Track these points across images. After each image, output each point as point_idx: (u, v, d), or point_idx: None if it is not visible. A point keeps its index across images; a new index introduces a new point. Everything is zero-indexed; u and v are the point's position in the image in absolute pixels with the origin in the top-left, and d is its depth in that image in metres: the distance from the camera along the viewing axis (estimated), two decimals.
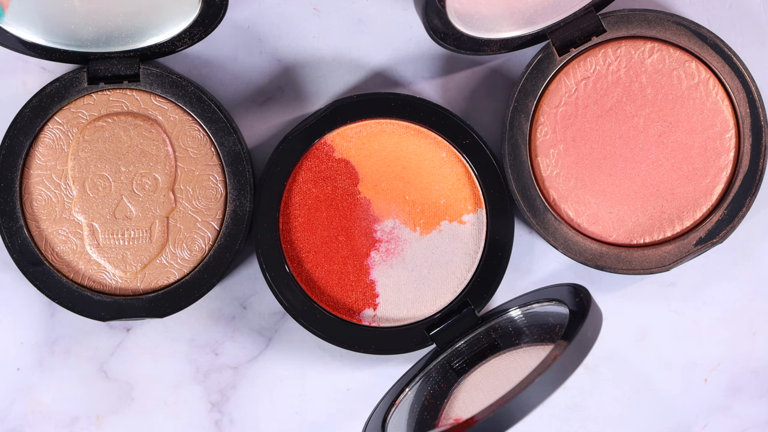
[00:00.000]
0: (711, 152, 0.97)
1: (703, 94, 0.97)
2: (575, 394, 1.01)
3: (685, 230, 0.98)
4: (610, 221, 0.97)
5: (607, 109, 0.97)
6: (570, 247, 0.97)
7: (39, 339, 1.00)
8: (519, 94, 0.97)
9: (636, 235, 0.98)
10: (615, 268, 0.97)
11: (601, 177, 0.97)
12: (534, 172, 0.97)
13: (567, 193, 0.97)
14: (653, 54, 0.97)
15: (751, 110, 0.97)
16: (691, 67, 0.97)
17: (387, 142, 0.98)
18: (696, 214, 0.98)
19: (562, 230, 0.97)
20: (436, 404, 0.96)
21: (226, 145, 0.96)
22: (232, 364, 1.00)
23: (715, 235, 0.97)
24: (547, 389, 0.81)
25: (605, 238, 0.97)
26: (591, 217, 0.97)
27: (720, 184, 0.97)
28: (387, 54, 1.00)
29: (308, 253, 0.97)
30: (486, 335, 0.97)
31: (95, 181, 0.96)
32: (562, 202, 0.97)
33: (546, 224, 0.97)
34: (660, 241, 0.98)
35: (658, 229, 0.98)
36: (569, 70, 0.97)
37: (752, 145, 0.97)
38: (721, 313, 1.01)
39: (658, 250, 0.97)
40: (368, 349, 0.97)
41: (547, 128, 0.97)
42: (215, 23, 0.93)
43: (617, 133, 0.97)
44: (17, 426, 1.00)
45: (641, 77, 0.97)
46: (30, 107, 0.96)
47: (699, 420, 1.01)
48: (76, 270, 0.96)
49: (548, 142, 0.97)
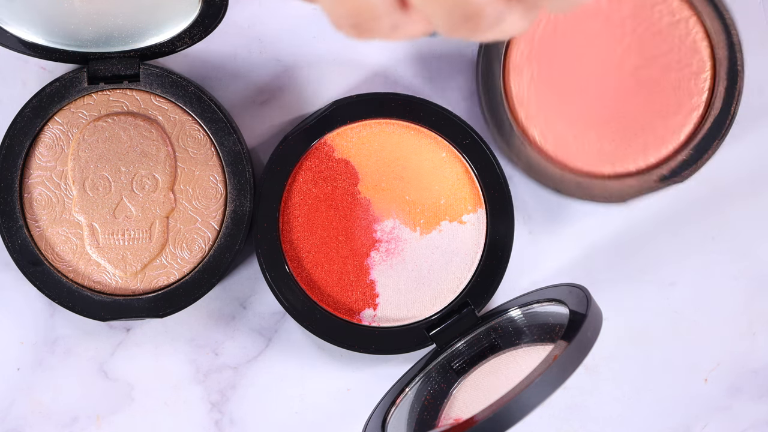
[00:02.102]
0: (684, 91, 0.97)
1: (683, 32, 0.97)
2: (575, 394, 1.01)
3: (649, 166, 0.98)
4: (575, 148, 0.97)
5: (586, 37, 0.97)
6: (532, 168, 0.96)
7: (39, 339, 1.00)
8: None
9: (599, 164, 0.97)
10: (574, 195, 0.96)
11: (571, 103, 0.97)
12: (505, 90, 0.97)
13: (535, 115, 0.97)
14: None
15: (729, 54, 0.96)
16: (673, 4, 0.97)
17: (387, 142, 0.98)
18: (661, 151, 0.97)
19: (526, 151, 0.97)
20: (436, 404, 0.96)
21: (226, 145, 0.96)
22: (232, 364, 1.00)
23: (677, 173, 0.97)
24: (547, 389, 0.81)
25: (568, 164, 0.97)
26: (556, 141, 0.97)
27: (689, 124, 0.97)
28: (387, 54, 1.00)
29: (308, 253, 0.97)
30: (486, 335, 0.97)
31: (95, 181, 0.96)
32: (530, 123, 0.97)
33: (511, 143, 0.97)
34: (623, 173, 0.98)
35: (622, 162, 0.97)
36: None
37: (726, 88, 0.97)
38: (721, 313, 1.01)
39: (619, 182, 0.97)
40: (368, 349, 0.97)
41: (524, 48, 0.97)
42: (215, 23, 0.93)
43: (593, 62, 0.97)
44: (17, 426, 1.00)
45: (623, 8, 0.97)
46: (30, 107, 0.96)
47: (699, 420, 1.01)
48: (76, 270, 0.96)
49: (522, 62, 0.97)
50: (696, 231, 1.01)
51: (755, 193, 1.01)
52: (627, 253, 1.01)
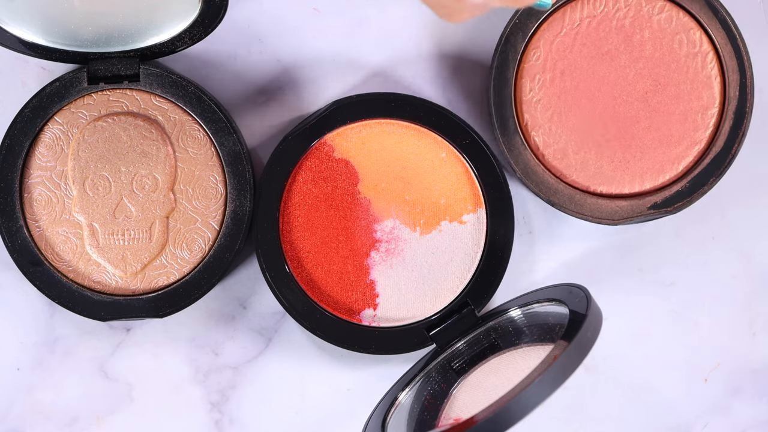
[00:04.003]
0: (690, 123, 0.97)
1: (698, 65, 0.97)
2: (575, 394, 1.01)
3: (643, 192, 0.98)
4: (574, 161, 0.98)
5: (603, 53, 0.97)
6: (529, 174, 0.97)
7: (39, 339, 1.00)
8: (523, 12, 0.96)
9: (595, 182, 0.98)
10: (564, 208, 0.97)
11: (578, 116, 0.97)
12: (515, 92, 0.97)
13: (541, 122, 0.97)
14: (663, 12, 0.97)
15: (740, 94, 0.97)
16: (695, 36, 0.97)
17: (387, 142, 0.98)
18: (658, 179, 0.98)
19: (526, 156, 0.97)
20: (436, 404, 0.96)
21: (226, 145, 0.96)
22: (232, 364, 1.00)
23: (670, 204, 0.97)
24: (547, 389, 0.81)
25: (565, 177, 0.98)
26: (557, 152, 0.97)
27: (690, 156, 0.98)
28: (387, 54, 1.00)
29: (308, 253, 0.97)
30: (486, 335, 0.97)
31: (95, 181, 0.96)
32: (534, 129, 0.97)
33: (512, 146, 0.97)
34: (616, 195, 0.98)
35: (618, 183, 0.98)
36: (577, 4, 0.97)
37: (731, 128, 0.97)
38: (721, 313, 1.01)
39: (611, 203, 0.97)
40: (368, 349, 0.97)
41: (540, 54, 0.97)
42: (215, 23, 0.93)
43: (606, 79, 0.97)
44: (17, 426, 1.00)
45: (645, 31, 0.97)
46: (30, 107, 0.96)
47: (699, 420, 1.01)
48: (76, 270, 0.96)
49: (537, 68, 0.97)
50: (696, 231, 1.01)
51: (755, 193, 1.01)
52: (627, 253, 1.01)
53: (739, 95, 0.97)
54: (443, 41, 1.00)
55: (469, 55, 1.00)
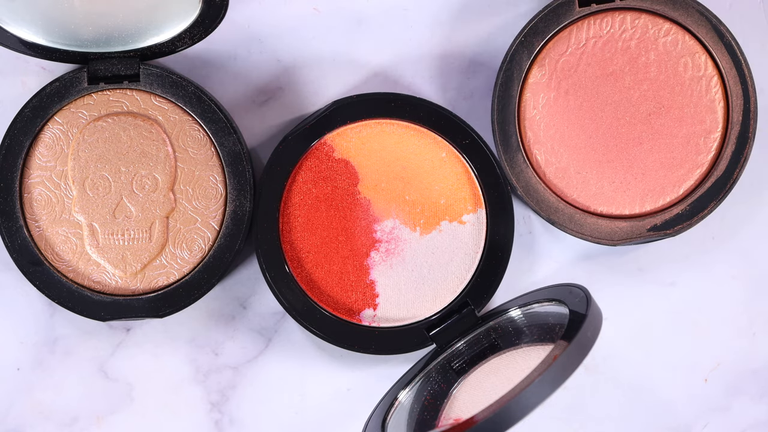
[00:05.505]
0: (692, 147, 0.97)
1: (703, 89, 0.97)
2: (575, 394, 1.01)
3: (643, 213, 0.98)
4: (575, 180, 0.98)
5: (608, 74, 0.97)
6: (529, 192, 0.97)
7: (39, 339, 1.00)
8: (529, 30, 0.96)
9: (596, 202, 0.98)
10: (564, 227, 0.97)
11: (580, 136, 0.97)
12: (519, 109, 0.97)
13: (543, 140, 0.97)
14: (668, 35, 0.97)
15: (743, 120, 0.97)
16: (700, 60, 0.97)
17: (387, 142, 0.98)
18: (658, 201, 0.98)
19: (527, 173, 0.97)
20: (436, 404, 0.96)
21: (226, 145, 0.96)
22: (232, 364, 1.00)
23: (670, 226, 0.97)
24: (547, 389, 0.81)
25: (565, 196, 0.98)
26: (559, 170, 0.98)
27: (691, 180, 0.98)
28: (387, 54, 1.00)
29: (308, 253, 0.97)
30: (486, 335, 0.97)
31: (95, 181, 0.96)
32: (536, 146, 0.97)
33: (513, 163, 0.97)
34: (616, 215, 0.98)
35: (618, 204, 0.98)
36: (584, 24, 0.97)
37: (733, 152, 0.97)
38: (721, 313, 1.01)
39: (611, 224, 0.97)
40: (368, 349, 0.97)
41: (545, 72, 0.97)
42: (215, 23, 0.93)
43: (609, 100, 0.97)
44: (17, 426, 1.00)
45: (650, 54, 0.97)
46: (30, 107, 0.96)
47: (699, 420, 1.01)
48: (76, 270, 0.96)
49: (541, 86, 0.97)
50: (696, 231, 1.01)
51: (755, 193, 1.01)
52: (627, 253, 1.01)
53: (743, 120, 0.97)
54: (444, 41, 1.00)
55: (469, 55, 1.00)
